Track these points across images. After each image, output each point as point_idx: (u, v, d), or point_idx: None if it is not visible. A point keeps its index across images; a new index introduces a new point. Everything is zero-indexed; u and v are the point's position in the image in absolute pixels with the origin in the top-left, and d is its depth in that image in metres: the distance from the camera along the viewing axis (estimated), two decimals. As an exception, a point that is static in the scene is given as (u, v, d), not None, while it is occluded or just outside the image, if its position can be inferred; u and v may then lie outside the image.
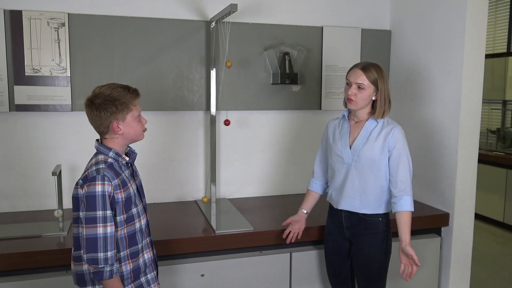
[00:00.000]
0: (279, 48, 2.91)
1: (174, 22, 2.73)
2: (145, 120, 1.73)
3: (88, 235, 1.52)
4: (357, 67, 2.00)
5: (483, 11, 2.56)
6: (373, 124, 2.04)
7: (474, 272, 2.93)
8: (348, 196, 2.09)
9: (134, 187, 1.69)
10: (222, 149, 2.96)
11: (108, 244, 1.53)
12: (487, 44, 5.16)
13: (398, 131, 2.01)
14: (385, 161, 2.01)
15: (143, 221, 1.72)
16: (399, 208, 1.99)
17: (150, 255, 1.76)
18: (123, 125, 1.63)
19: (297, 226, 2.30)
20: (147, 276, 1.73)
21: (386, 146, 2.00)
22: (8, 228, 2.30)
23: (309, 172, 3.18)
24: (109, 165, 1.60)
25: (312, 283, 2.48)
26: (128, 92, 1.63)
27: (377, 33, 3.16)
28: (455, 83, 2.61)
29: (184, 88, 2.80)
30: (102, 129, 1.63)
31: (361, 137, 2.04)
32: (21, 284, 2.03)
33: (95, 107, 1.59)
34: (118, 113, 1.60)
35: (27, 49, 2.49)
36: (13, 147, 2.59)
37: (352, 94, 1.98)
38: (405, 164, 2.00)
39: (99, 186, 1.53)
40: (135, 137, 1.69)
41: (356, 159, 2.04)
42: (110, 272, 1.54)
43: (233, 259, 2.32)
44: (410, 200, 2.00)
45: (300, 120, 3.11)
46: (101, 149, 1.64)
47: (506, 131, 5.24)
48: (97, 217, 1.52)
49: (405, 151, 2.01)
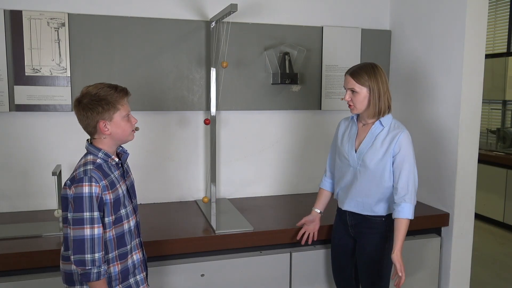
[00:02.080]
0: (279, 48, 2.91)
1: (174, 22, 2.73)
2: (135, 120, 1.69)
3: (76, 237, 1.51)
4: (347, 73, 2.03)
5: (483, 11, 2.56)
6: (379, 128, 2.03)
7: (474, 272, 2.93)
8: (352, 198, 2.10)
9: (123, 188, 1.67)
10: (222, 149, 2.96)
11: (96, 246, 1.52)
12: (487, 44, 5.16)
13: (404, 136, 1.99)
14: (389, 166, 2.00)
15: (132, 223, 1.70)
16: (396, 214, 1.99)
17: (140, 256, 1.75)
18: (110, 125, 1.60)
19: (312, 226, 2.31)
20: (136, 277, 1.72)
21: (391, 151, 1.99)
22: (8, 228, 2.30)
23: (309, 171, 3.20)
24: (97, 166, 1.58)
25: (312, 283, 2.48)
26: (115, 91, 1.60)
27: (377, 33, 3.16)
28: (455, 83, 2.61)
29: (184, 88, 2.80)
30: (90, 129, 1.61)
31: (366, 141, 2.04)
32: (21, 284, 2.03)
33: (82, 107, 1.57)
34: (104, 113, 1.57)
35: (27, 49, 2.49)
36: (13, 147, 2.59)
37: (347, 99, 2.02)
38: (408, 171, 1.98)
39: (86, 188, 1.51)
40: (123, 137, 1.66)
41: (361, 163, 2.04)
42: (98, 274, 1.53)
43: (233, 259, 2.32)
44: (408, 208, 1.97)
45: (300, 120, 3.11)
46: (91, 149, 1.62)
47: (506, 131, 5.24)
48: (84, 218, 1.50)
49: (409, 157, 1.99)
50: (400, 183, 1.99)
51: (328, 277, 2.46)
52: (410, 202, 1.98)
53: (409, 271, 2.66)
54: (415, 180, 2.02)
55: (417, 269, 2.68)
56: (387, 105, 2.01)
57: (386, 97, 2.00)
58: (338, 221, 2.25)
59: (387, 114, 2.03)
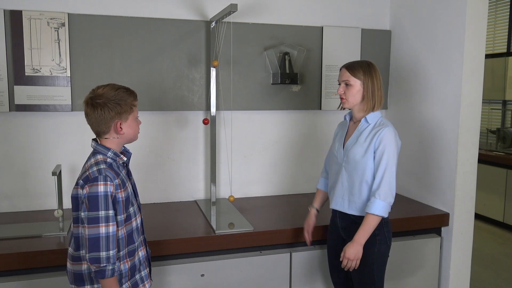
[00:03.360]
0: (279, 48, 2.91)
1: (174, 22, 2.73)
2: (140, 122, 1.76)
3: (91, 235, 1.53)
4: (343, 67, 2.07)
5: (483, 11, 2.56)
6: (365, 124, 2.05)
7: (474, 272, 2.93)
8: (338, 196, 2.11)
9: (130, 187, 1.72)
10: (222, 149, 2.96)
11: (110, 243, 1.55)
12: (487, 44, 5.17)
13: (386, 131, 1.96)
14: (370, 162, 1.99)
15: (139, 220, 1.75)
16: (366, 209, 1.97)
17: (144, 252, 1.79)
18: (124, 125, 1.66)
19: (306, 224, 2.31)
20: (141, 273, 1.76)
21: (372, 147, 1.98)
22: (8, 228, 2.30)
23: (309, 171, 3.20)
24: (109, 165, 1.62)
25: (312, 283, 2.48)
26: (131, 94, 1.67)
27: (377, 33, 3.16)
28: (455, 83, 2.61)
29: (184, 88, 2.80)
30: (104, 128, 1.64)
31: (352, 138, 2.06)
32: (21, 284, 2.03)
33: (100, 106, 1.60)
34: (122, 113, 1.64)
35: (27, 49, 2.49)
36: (13, 147, 2.59)
37: (340, 92, 2.05)
38: (384, 167, 1.94)
39: (101, 187, 1.54)
40: (133, 137, 1.72)
41: (346, 159, 2.06)
42: (112, 271, 1.56)
43: (233, 259, 2.32)
44: (377, 204, 1.93)
45: (300, 120, 3.11)
46: (100, 149, 1.65)
47: (506, 131, 5.24)
48: (99, 217, 1.53)
49: (388, 153, 1.95)
50: (376, 179, 1.96)
51: (328, 277, 2.46)
52: (381, 199, 1.93)
53: (409, 271, 2.67)
54: (392, 177, 1.96)
55: (417, 269, 2.68)
56: (379, 103, 2.03)
57: (380, 93, 2.03)
58: (331, 223, 2.25)
59: (375, 111, 2.04)
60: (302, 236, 2.34)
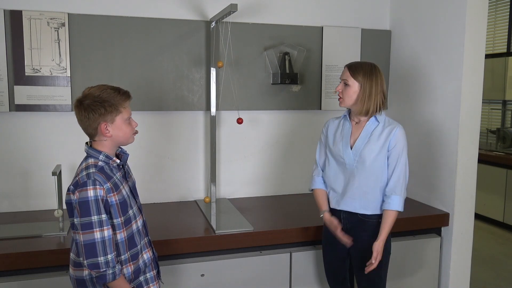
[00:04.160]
0: (279, 48, 2.91)
1: (174, 22, 2.73)
2: (136, 123, 1.69)
3: (86, 241, 1.50)
4: (347, 65, 2.07)
5: (483, 11, 2.56)
6: (375, 123, 2.04)
7: (474, 272, 2.93)
8: (349, 197, 2.08)
9: (126, 189, 1.67)
10: (222, 149, 2.96)
11: (107, 247, 1.52)
12: (487, 44, 5.17)
13: (400, 131, 2.02)
14: (384, 160, 2.02)
15: (140, 222, 1.71)
16: (386, 206, 2.01)
17: (150, 254, 1.76)
18: (111, 127, 1.59)
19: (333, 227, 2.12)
20: (146, 275, 1.74)
21: (387, 146, 2.01)
22: (8, 228, 2.30)
23: (309, 171, 3.18)
24: (99, 168, 1.57)
25: (311, 283, 2.48)
26: (118, 94, 1.59)
27: (377, 33, 3.16)
28: (455, 83, 2.61)
29: (184, 88, 2.80)
30: (91, 131, 1.60)
31: (362, 138, 2.04)
32: (21, 284, 2.03)
33: (84, 108, 1.55)
34: (106, 115, 1.57)
35: (27, 49, 2.49)
36: (13, 147, 2.59)
37: (338, 90, 2.06)
38: (402, 165, 2.01)
39: (91, 191, 1.50)
40: (124, 140, 1.65)
41: (358, 159, 2.04)
42: (113, 275, 1.54)
43: (233, 259, 2.32)
44: (398, 200, 2.00)
45: (300, 120, 3.11)
46: (91, 152, 1.61)
47: (506, 131, 5.24)
48: (92, 222, 1.50)
49: (404, 152, 2.03)
50: (393, 177, 2.01)
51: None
52: (400, 195, 2.00)
53: (409, 271, 2.67)
54: (407, 174, 2.05)
55: (417, 269, 2.68)
56: (377, 107, 2.01)
57: (378, 98, 2.00)
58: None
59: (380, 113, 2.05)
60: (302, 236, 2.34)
